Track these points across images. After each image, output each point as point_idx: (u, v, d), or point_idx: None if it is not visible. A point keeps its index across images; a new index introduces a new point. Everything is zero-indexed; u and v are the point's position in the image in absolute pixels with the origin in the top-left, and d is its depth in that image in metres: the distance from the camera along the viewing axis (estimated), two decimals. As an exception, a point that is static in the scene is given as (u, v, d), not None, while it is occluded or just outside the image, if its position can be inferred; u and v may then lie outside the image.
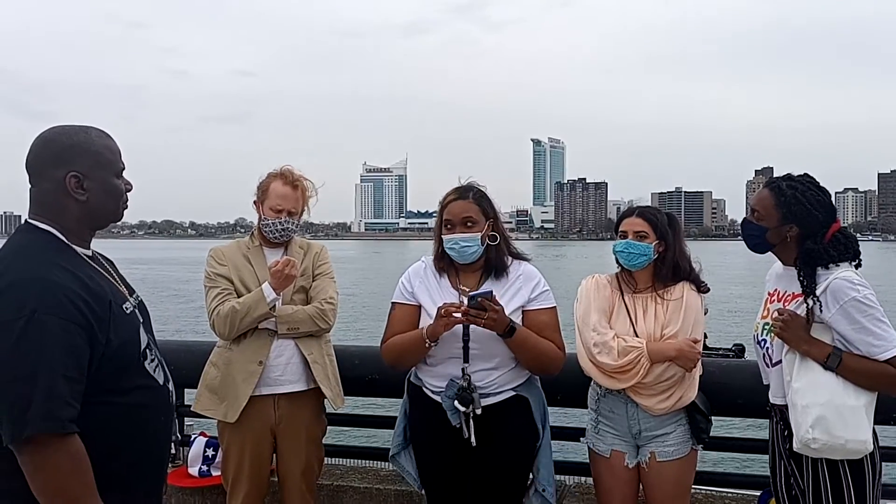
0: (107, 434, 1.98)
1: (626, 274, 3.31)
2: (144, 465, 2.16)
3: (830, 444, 2.62)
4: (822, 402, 2.63)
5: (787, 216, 2.79)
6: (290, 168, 3.60)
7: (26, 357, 1.84)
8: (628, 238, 3.24)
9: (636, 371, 3.11)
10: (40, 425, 1.82)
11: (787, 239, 2.82)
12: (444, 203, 3.14)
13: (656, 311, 3.22)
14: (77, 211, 2.08)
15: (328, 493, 3.95)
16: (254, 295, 3.41)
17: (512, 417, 3.09)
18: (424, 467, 3.25)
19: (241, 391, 3.44)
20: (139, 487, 2.14)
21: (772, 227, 2.84)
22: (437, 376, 3.10)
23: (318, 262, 3.66)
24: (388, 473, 4.12)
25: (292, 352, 3.51)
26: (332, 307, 3.56)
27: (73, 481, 1.88)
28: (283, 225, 3.54)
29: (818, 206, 2.78)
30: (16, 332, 1.84)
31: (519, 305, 3.10)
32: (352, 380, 3.80)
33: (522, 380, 3.15)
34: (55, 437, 1.84)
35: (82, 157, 2.07)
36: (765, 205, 2.86)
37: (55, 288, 1.91)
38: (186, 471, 4.10)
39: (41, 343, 1.85)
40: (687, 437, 3.21)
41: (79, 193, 2.07)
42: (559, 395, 3.69)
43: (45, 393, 1.83)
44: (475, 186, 3.19)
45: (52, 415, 1.83)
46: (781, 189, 2.82)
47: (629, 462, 3.24)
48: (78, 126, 2.13)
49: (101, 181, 2.11)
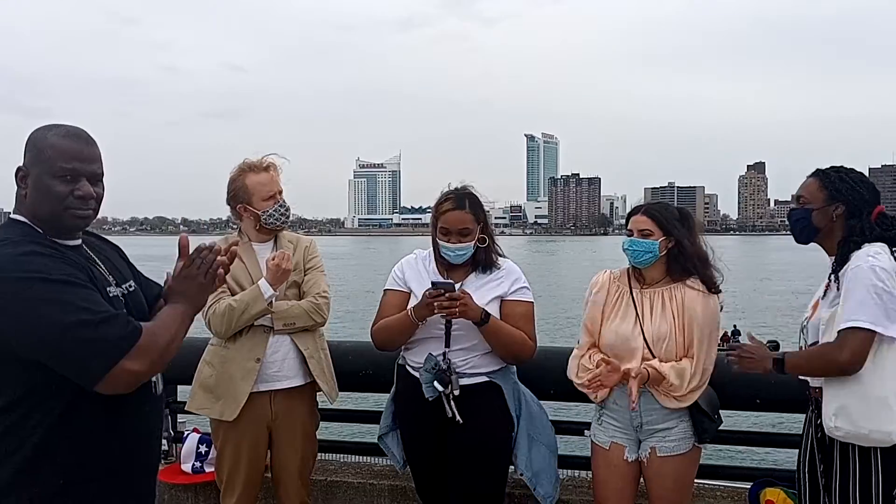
0: (85, 423, 2.01)
1: (636, 270, 3.33)
2: (130, 456, 2.16)
3: (854, 434, 2.65)
4: (846, 391, 2.65)
5: (834, 195, 2.84)
6: (248, 159, 3.60)
7: (57, 311, 1.89)
8: (634, 236, 3.26)
9: (595, 393, 3.24)
10: (113, 353, 1.91)
11: (833, 219, 2.84)
12: (442, 210, 3.29)
13: (664, 307, 3.22)
14: (30, 206, 2.09)
15: (322, 489, 3.95)
16: (251, 292, 3.41)
17: (485, 402, 3.27)
18: (408, 442, 3.45)
19: (241, 389, 3.43)
20: (127, 477, 2.15)
21: (818, 208, 2.87)
22: (418, 354, 3.29)
23: (308, 256, 3.66)
24: (381, 468, 4.13)
25: (288, 347, 3.51)
26: (325, 301, 3.57)
27: (166, 342, 2.03)
28: (284, 206, 3.56)
29: (862, 185, 2.84)
30: (34, 297, 1.88)
31: (498, 295, 3.30)
32: (345, 375, 3.80)
33: (497, 367, 3.32)
34: (134, 349, 1.94)
35: (30, 153, 2.09)
36: (810, 189, 2.91)
37: (21, 256, 1.95)
38: (179, 467, 4.10)
39: (59, 294, 1.90)
40: (689, 434, 3.20)
41: (21, 187, 2.09)
42: (552, 390, 3.71)
43: (93, 327, 1.90)
44: (469, 192, 3.34)
45: (117, 337, 1.92)
46: (826, 173, 2.89)
47: (629, 456, 3.24)
48: (53, 124, 2.14)
49: (38, 180, 2.07)
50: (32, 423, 1.97)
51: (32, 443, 1.97)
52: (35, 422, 1.97)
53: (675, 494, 3.25)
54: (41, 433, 1.97)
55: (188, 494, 4.07)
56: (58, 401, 1.98)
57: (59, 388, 1.96)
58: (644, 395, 3.16)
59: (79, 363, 1.91)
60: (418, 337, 3.30)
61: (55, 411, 1.98)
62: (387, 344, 3.40)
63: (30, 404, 1.97)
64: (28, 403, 1.97)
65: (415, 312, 3.19)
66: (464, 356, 3.26)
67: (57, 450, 1.99)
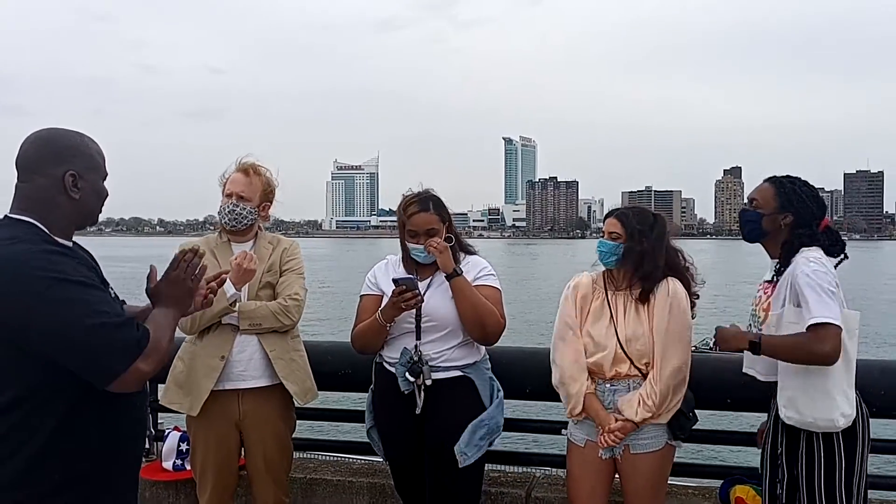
0: (85, 421, 2.06)
1: (609, 272, 3.41)
2: (123, 452, 2.24)
3: (801, 421, 2.90)
4: (793, 384, 2.91)
5: (785, 205, 3.07)
6: (245, 159, 3.66)
7: (71, 312, 1.96)
8: (604, 238, 3.36)
9: None
10: (125, 357, 1.99)
11: (781, 227, 3.07)
12: (408, 214, 3.41)
13: (637, 309, 3.31)
14: (68, 208, 2.18)
15: (301, 486, 4.00)
16: None
17: (458, 395, 3.38)
18: (385, 436, 3.53)
19: (203, 386, 3.47)
20: (121, 471, 2.23)
21: (768, 214, 3.09)
22: (393, 349, 3.43)
23: (286, 258, 3.66)
24: (360, 466, 4.19)
25: (255, 347, 3.53)
26: (296, 303, 3.56)
27: (159, 349, 2.09)
28: (230, 208, 3.57)
29: (812, 200, 3.07)
30: (49, 298, 1.95)
31: None
32: (324, 375, 3.85)
33: (471, 360, 3.43)
34: (142, 354, 2.02)
35: (79, 158, 2.20)
36: (764, 195, 3.13)
37: (33, 255, 2.01)
38: (160, 465, 4.13)
39: (73, 295, 1.98)
40: (662, 432, 3.27)
41: (73, 191, 2.17)
42: (528, 389, 3.78)
43: (107, 332, 1.97)
44: (432, 194, 3.48)
45: (125, 343, 2.00)
46: (781, 182, 3.12)
47: (603, 454, 3.30)
48: (71, 130, 2.25)
49: (93, 182, 2.23)
50: (35, 423, 2.02)
51: (37, 441, 2.02)
52: (38, 421, 2.02)
53: (648, 491, 3.31)
54: (45, 432, 2.03)
55: (169, 492, 4.10)
56: (62, 399, 2.04)
57: (63, 386, 2.02)
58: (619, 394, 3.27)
59: (98, 362, 1.99)
60: (393, 334, 3.41)
61: (59, 410, 2.04)
62: (365, 347, 3.51)
63: (34, 403, 2.02)
64: (32, 402, 2.02)
65: (382, 315, 3.32)
66: (437, 348, 3.37)
67: (59, 447, 2.04)
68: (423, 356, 3.33)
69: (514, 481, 3.95)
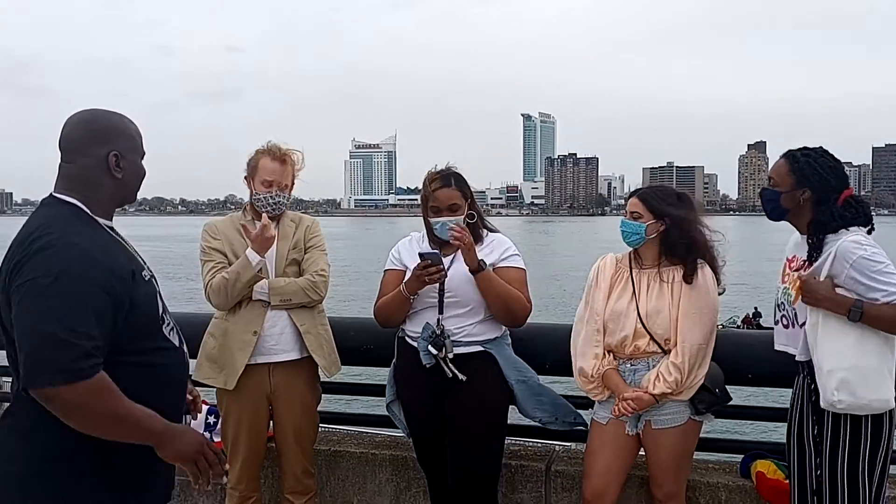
0: (132, 393, 2.08)
1: (636, 251, 3.43)
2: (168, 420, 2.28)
3: (855, 405, 2.80)
4: (846, 365, 2.79)
5: (801, 180, 2.98)
6: (276, 143, 3.70)
7: (47, 313, 1.97)
8: (627, 217, 3.38)
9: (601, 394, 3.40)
10: (54, 376, 1.95)
11: (801, 202, 3.00)
12: (431, 189, 3.46)
13: (661, 289, 3.33)
14: (111, 187, 2.24)
15: (326, 458, 4.07)
16: (240, 262, 3.53)
17: (480, 370, 3.42)
18: (408, 410, 3.62)
19: (238, 360, 3.56)
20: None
21: (785, 191, 3.02)
22: (415, 323, 3.48)
23: (309, 235, 3.77)
24: (383, 439, 4.25)
25: (285, 322, 3.63)
26: (322, 279, 3.67)
27: (105, 408, 2.02)
28: (274, 199, 3.65)
29: (830, 172, 2.97)
30: (41, 288, 1.98)
31: (490, 263, 3.44)
32: (348, 350, 3.91)
33: (492, 336, 3.48)
34: (70, 384, 1.96)
35: (121, 138, 2.26)
36: (780, 172, 3.06)
37: (82, 252, 2.06)
38: (188, 438, 4.19)
39: (63, 302, 1.98)
40: (684, 408, 3.28)
41: (116, 171, 2.23)
42: (547, 364, 3.80)
43: (61, 347, 1.95)
44: (454, 171, 3.53)
45: (68, 368, 1.95)
46: (795, 157, 3.03)
47: (629, 430, 3.34)
48: (111, 111, 2.30)
49: (133, 162, 2.29)
50: None
51: None
52: None
53: (671, 466, 3.34)
54: None
55: (196, 465, 4.17)
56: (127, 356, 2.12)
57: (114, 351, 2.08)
58: (639, 375, 3.31)
59: (26, 365, 1.99)
60: (415, 308, 3.47)
61: None
62: (388, 321, 3.56)
63: None
64: None
65: (406, 287, 3.38)
66: (458, 323, 3.42)
67: None
68: (445, 330, 3.38)
69: (534, 455, 3.98)
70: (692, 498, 3.61)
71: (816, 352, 2.87)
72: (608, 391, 3.36)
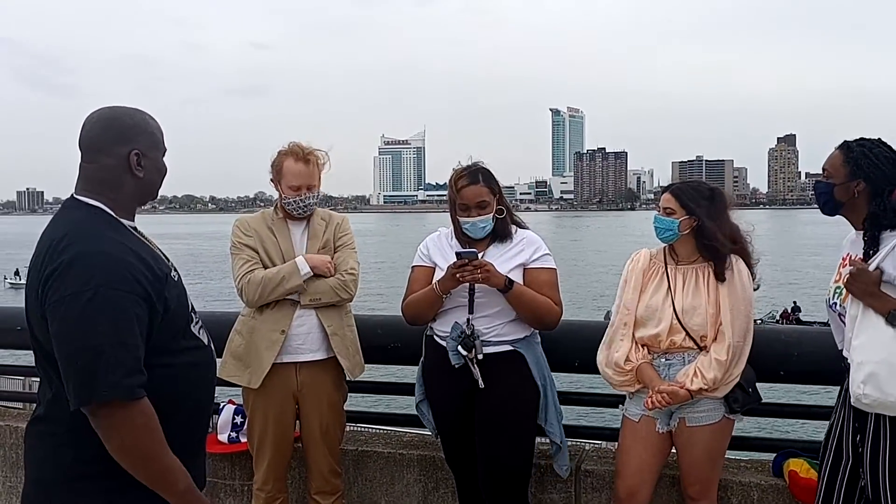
0: (165, 394, 2.08)
1: (671, 247, 3.40)
2: (197, 420, 2.30)
3: (882, 401, 2.67)
4: (876, 359, 2.67)
5: (855, 171, 2.84)
6: (298, 144, 3.68)
7: (93, 329, 1.94)
8: (660, 213, 3.34)
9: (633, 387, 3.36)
10: (108, 393, 1.93)
11: (855, 195, 2.86)
12: (458, 187, 3.41)
13: (697, 282, 3.29)
14: (133, 187, 2.20)
15: (353, 458, 4.06)
16: (288, 266, 3.53)
17: (510, 370, 3.39)
18: (436, 410, 3.59)
19: (265, 358, 3.56)
20: (191, 442, 2.26)
21: (839, 183, 2.88)
22: (444, 322, 3.43)
23: (339, 234, 3.76)
24: (410, 439, 4.23)
25: (313, 322, 3.62)
26: (353, 278, 3.66)
27: (145, 440, 2.00)
28: (304, 201, 3.64)
29: (885, 162, 2.83)
30: (82, 303, 1.94)
31: (520, 263, 3.42)
32: (375, 348, 3.90)
33: (521, 335, 3.43)
34: (124, 402, 1.95)
35: (143, 137, 2.20)
36: (833, 163, 2.92)
37: (117, 261, 2.02)
38: (216, 437, 4.21)
39: (107, 315, 1.95)
40: (718, 405, 3.24)
41: (138, 170, 2.18)
42: (577, 362, 3.77)
43: (112, 363, 1.93)
44: (482, 167, 3.47)
45: (120, 383, 1.93)
46: (850, 146, 2.89)
47: (660, 427, 3.31)
48: (131, 108, 2.25)
49: (155, 160, 2.25)
50: None
51: None
52: None
53: (704, 464, 3.30)
54: None
55: (224, 464, 4.19)
56: None
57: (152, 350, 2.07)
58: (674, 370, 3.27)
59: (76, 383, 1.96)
60: (444, 307, 3.43)
61: None
62: (417, 318, 3.52)
63: None
64: None
65: (440, 285, 3.33)
66: (488, 323, 3.37)
67: None
68: (475, 330, 3.34)
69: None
70: (724, 497, 3.55)
71: (852, 343, 2.77)
72: (639, 384, 3.32)
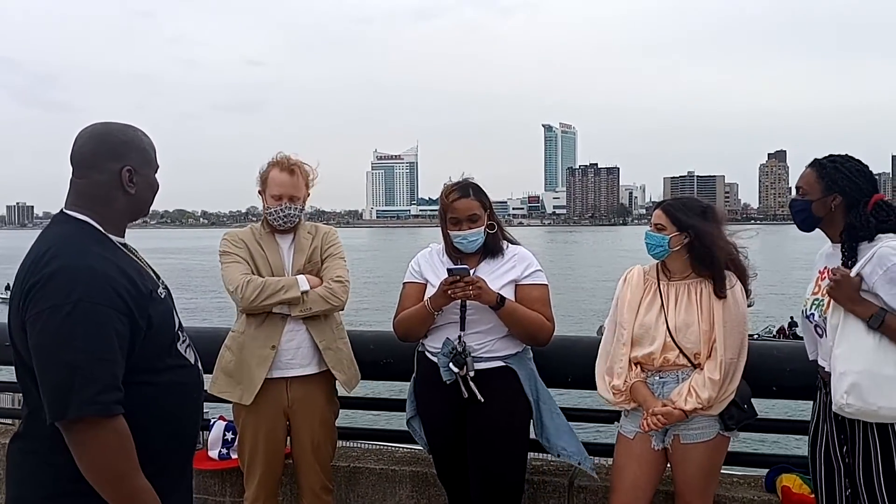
0: (146, 413, 2.06)
1: (663, 263, 3.39)
2: (181, 440, 2.27)
3: (864, 410, 2.72)
4: (858, 369, 2.72)
5: (830, 186, 2.91)
6: (285, 155, 3.68)
7: (71, 342, 1.91)
8: (652, 229, 3.35)
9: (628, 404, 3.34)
10: (82, 409, 1.90)
11: (832, 209, 2.92)
12: (450, 201, 3.43)
13: (689, 299, 3.28)
14: (124, 203, 2.19)
15: (345, 475, 4.03)
16: (289, 280, 3.54)
17: (501, 385, 3.38)
18: (428, 426, 3.56)
19: (256, 375, 3.53)
20: (175, 462, 2.24)
21: (816, 199, 2.95)
22: (436, 338, 3.44)
23: (326, 244, 3.74)
24: (403, 455, 4.21)
25: (303, 337, 3.60)
26: (340, 285, 3.63)
27: (117, 459, 1.97)
28: (285, 211, 3.62)
29: (858, 175, 2.91)
30: (62, 316, 1.92)
31: (512, 279, 3.43)
32: (367, 364, 3.89)
33: (513, 351, 3.44)
34: (98, 419, 1.92)
35: (135, 153, 2.20)
36: (808, 180, 2.99)
37: (100, 276, 1.99)
38: (206, 454, 4.19)
39: (86, 329, 1.93)
40: (713, 422, 3.24)
41: (130, 187, 2.17)
42: (569, 377, 3.76)
43: (88, 378, 1.91)
44: (472, 182, 3.51)
45: (95, 399, 1.91)
46: (822, 163, 2.96)
47: (655, 444, 3.29)
48: (124, 124, 2.24)
49: (147, 177, 2.24)
50: None
51: None
52: None
53: (699, 482, 3.28)
54: None
55: (215, 480, 4.16)
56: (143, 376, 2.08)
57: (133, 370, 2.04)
58: (668, 388, 3.26)
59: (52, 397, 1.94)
60: (436, 324, 3.43)
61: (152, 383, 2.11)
62: (408, 335, 3.53)
63: None
64: None
65: (431, 302, 3.34)
66: (480, 340, 3.37)
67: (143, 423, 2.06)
68: (466, 347, 3.33)
69: (556, 470, 3.93)
70: (718, 513, 3.53)
71: (833, 353, 2.81)
72: (635, 402, 3.31)
